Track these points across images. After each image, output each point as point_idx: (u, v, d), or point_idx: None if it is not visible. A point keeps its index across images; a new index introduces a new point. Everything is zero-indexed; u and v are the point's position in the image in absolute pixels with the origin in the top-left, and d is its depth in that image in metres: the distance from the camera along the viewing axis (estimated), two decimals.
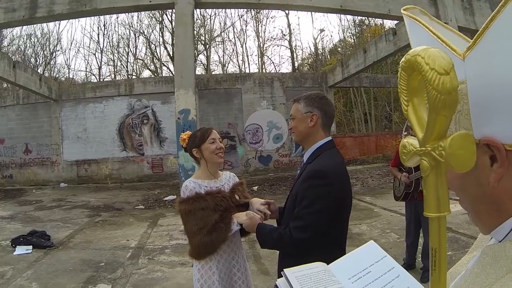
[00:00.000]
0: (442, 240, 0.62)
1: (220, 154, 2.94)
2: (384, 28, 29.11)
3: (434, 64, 0.56)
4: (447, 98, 0.54)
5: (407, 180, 5.38)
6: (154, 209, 12.32)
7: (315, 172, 2.29)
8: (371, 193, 13.24)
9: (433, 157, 0.59)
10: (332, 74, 21.47)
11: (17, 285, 5.85)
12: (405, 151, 0.68)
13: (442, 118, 0.56)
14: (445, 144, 0.57)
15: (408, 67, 0.61)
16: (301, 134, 2.50)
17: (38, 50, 33.56)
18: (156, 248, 7.65)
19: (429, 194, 0.61)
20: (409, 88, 0.65)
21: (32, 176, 20.53)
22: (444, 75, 0.55)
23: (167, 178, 19.79)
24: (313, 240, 2.23)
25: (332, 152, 2.44)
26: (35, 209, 12.96)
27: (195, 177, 2.99)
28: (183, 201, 2.82)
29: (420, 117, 0.64)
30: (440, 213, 0.61)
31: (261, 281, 5.64)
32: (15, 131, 20.61)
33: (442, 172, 0.60)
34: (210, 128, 3.02)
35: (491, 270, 0.70)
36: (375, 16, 14.87)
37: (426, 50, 0.58)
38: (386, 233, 7.80)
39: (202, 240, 2.70)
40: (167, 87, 19.87)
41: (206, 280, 2.81)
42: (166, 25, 32.49)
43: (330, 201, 2.24)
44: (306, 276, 1.08)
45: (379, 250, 1.19)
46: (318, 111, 2.44)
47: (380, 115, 33.09)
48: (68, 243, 8.21)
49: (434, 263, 0.63)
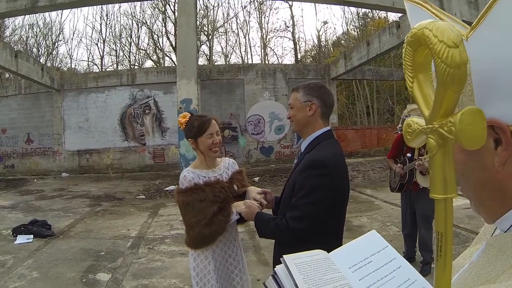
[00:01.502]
0: (448, 224, 0.59)
1: (215, 149, 2.89)
2: (388, 21, 29.00)
3: (442, 36, 0.53)
4: (456, 72, 0.51)
5: (402, 171, 5.38)
6: (155, 199, 12.33)
7: (313, 162, 2.28)
8: (372, 185, 13.25)
9: (440, 134, 0.56)
10: (335, 66, 21.39)
11: (18, 274, 5.86)
12: (409, 130, 0.65)
13: (451, 93, 0.53)
14: (455, 120, 0.54)
15: (414, 41, 0.58)
16: (299, 123, 2.49)
17: (40, 40, 33.48)
18: (156, 237, 7.66)
19: (436, 175, 0.58)
20: (415, 64, 0.62)
21: (33, 166, 20.56)
22: (454, 47, 0.52)
23: (169, 168, 19.79)
24: (309, 230, 2.23)
25: (331, 142, 2.44)
26: (36, 198, 12.99)
27: (194, 167, 2.96)
28: (182, 192, 2.81)
29: (425, 94, 0.61)
30: (447, 195, 0.58)
31: (260, 271, 5.63)
32: (17, 121, 20.61)
33: (450, 151, 0.57)
34: (209, 120, 2.92)
35: (497, 261, 0.68)
36: (379, 8, 14.81)
37: (433, 23, 0.55)
38: (386, 225, 7.79)
39: (200, 232, 2.70)
40: (169, 77, 19.81)
41: (201, 269, 2.82)
42: (169, 15, 32.36)
43: (328, 191, 2.24)
44: (306, 264, 1.05)
45: (380, 240, 1.17)
46: (317, 100, 2.43)
47: (382, 108, 33.02)
48: (68, 233, 8.22)
49: (440, 248, 0.60)
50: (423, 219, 5.39)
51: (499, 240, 0.70)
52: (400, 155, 5.61)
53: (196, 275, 2.83)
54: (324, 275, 1.02)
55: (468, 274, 0.73)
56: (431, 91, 0.61)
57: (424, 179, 5.21)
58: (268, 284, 1.07)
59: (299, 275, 1.00)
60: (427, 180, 5.20)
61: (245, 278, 3.05)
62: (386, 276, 1.02)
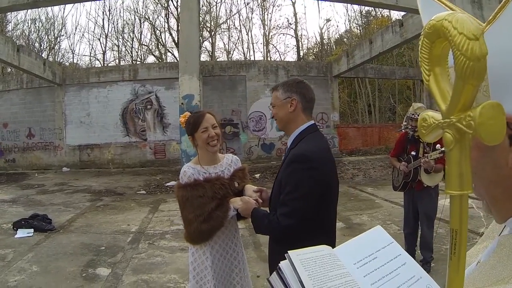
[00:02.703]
0: (463, 221, 0.58)
1: (213, 143, 2.86)
2: (391, 19, 28.92)
3: (462, 28, 0.51)
4: (476, 65, 0.50)
5: (406, 169, 5.36)
6: (155, 195, 12.35)
7: (296, 157, 2.30)
8: (373, 184, 13.25)
9: (458, 129, 0.55)
10: (337, 64, 21.35)
11: (18, 267, 5.86)
12: (424, 124, 0.64)
13: (470, 87, 0.52)
14: (475, 114, 0.53)
15: (432, 33, 0.57)
16: (282, 121, 2.52)
17: (42, 34, 33.43)
18: (157, 233, 7.66)
19: (452, 170, 0.57)
20: (431, 57, 0.60)
21: (34, 160, 20.54)
22: (474, 40, 0.51)
23: (169, 164, 19.76)
24: (299, 225, 2.23)
25: (315, 135, 2.46)
26: (37, 193, 13.01)
27: (195, 162, 2.96)
28: (181, 187, 2.82)
29: (442, 88, 0.60)
30: (463, 191, 0.56)
31: (260, 268, 5.63)
32: (18, 115, 20.58)
33: (467, 146, 0.56)
34: (203, 114, 2.92)
35: (509, 261, 0.66)
36: (382, 6, 14.78)
37: (453, 15, 0.53)
38: (387, 224, 7.79)
39: (198, 228, 2.70)
40: (171, 73, 19.74)
41: (199, 264, 2.84)
42: (171, 11, 32.30)
43: (314, 185, 2.25)
44: (311, 260, 1.04)
45: (385, 236, 1.16)
46: (296, 96, 2.46)
47: (384, 107, 32.98)
48: (69, 227, 8.23)
49: (454, 246, 0.59)
50: (426, 218, 5.38)
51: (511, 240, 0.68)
52: (403, 153, 5.59)
53: (193, 269, 2.84)
54: (329, 272, 1.01)
55: (478, 273, 0.72)
56: (448, 84, 0.59)
57: (428, 177, 5.19)
58: (272, 280, 1.06)
59: (304, 271, 0.99)
60: (431, 178, 5.19)
61: (245, 274, 3.04)
62: (391, 272, 1.01)
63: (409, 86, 31.83)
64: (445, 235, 6.61)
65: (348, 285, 0.98)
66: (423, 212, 5.38)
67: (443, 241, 6.34)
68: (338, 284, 0.98)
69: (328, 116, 21.16)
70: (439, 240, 5.84)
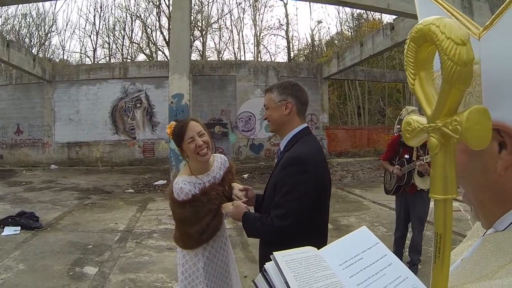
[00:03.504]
0: (447, 224, 0.58)
1: (203, 152, 2.73)
2: (382, 23, 29.06)
3: (450, 33, 0.52)
4: (463, 69, 0.51)
5: (400, 173, 5.35)
6: (143, 193, 12.31)
7: (293, 160, 2.30)
8: (361, 186, 13.29)
9: (443, 133, 0.55)
10: (328, 65, 21.42)
11: (4, 265, 5.81)
12: (409, 128, 0.64)
13: (456, 91, 0.53)
14: (462, 118, 0.53)
15: (419, 37, 0.57)
16: (276, 123, 2.51)
17: (33, 30, 33.23)
18: (144, 232, 7.63)
19: (437, 174, 0.57)
20: (417, 61, 0.61)
21: (22, 157, 20.38)
22: (461, 45, 0.51)
23: (158, 162, 19.73)
24: (294, 227, 2.23)
25: (310, 138, 2.46)
26: (24, 190, 12.90)
27: (187, 174, 2.83)
28: (180, 205, 2.71)
29: (427, 92, 0.60)
30: (447, 195, 0.57)
31: (248, 268, 5.63)
32: (6, 111, 20.41)
33: (451, 151, 0.56)
34: (186, 123, 2.77)
35: (492, 257, 0.67)
36: (374, 9, 14.81)
37: (441, 20, 0.54)
38: (374, 226, 7.81)
39: (198, 239, 2.71)
40: (161, 72, 19.70)
41: (190, 266, 2.80)
42: (163, 10, 32.22)
43: (310, 187, 2.25)
44: (296, 261, 1.04)
45: (371, 237, 1.17)
46: (292, 98, 2.45)
47: (373, 109, 33.13)
48: (56, 225, 8.17)
49: (438, 249, 0.59)
50: (418, 221, 5.39)
51: (496, 237, 0.69)
52: (395, 157, 5.57)
53: (185, 271, 2.80)
54: (315, 273, 1.01)
55: (462, 269, 0.73)
56: (433, 89, 0.60)
57: (422, 180, 5.20)
58: (258, 282, 1.05)
59: (290, 272, 0.99)
60: (425, 181, 5.20)
61: (234, 273, 3.04)
62: (377, 273, 1.01)
63: (398, 89, 32.02)
64: (432, 237, 6.64)
65: (334, 286, 0.98)
66: (416, 215, 5.38)
67: (430, 244, 6.37)
68: (324, 285, 0.98)
69: (317, 117, 21.23)
70: (426, 243, 5.87)
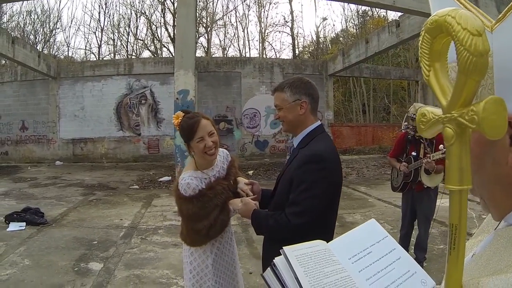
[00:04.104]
0: (462, 216, 0.58)
1: (211, 152, 2.69)
2: (387, 20, 28.99)
3: (466, 24, 0.52)
4: (478, 60, 0.51)
5: (406, 170, 5.32)
6: (148, 190, 12.32)
7: (312, 157, 2.25)
8: (366, 183, 13.27)
9: (459, 123, 0.55)
10: (333, 62, 21.40)
11: (10, 261, 5.83)
12: (423, 119, 0.64)
13: (472, 82, 0.53)
14: (478, 109, 0.53)
15: (434, 28, 0.57)
16: (291, 124, 2.44)
17: (37, 27, 33.31)
18: (149, 228, 7.64)
19: (452, 165, 0.57)
20: (432, 52, 0.61)
21: (27, 154, 20.47)
22: (477, 36, 0.51)
23: (163, 159, 19.77)
24: (309, 225, 2.19)
25: (324, 136, 2.42)
26: (29, 186, 12.95)
27: (193, 169, 2.80)
28: (187, 200, 2.68)
29: (442, 83, 0.60)
30: (463, 186, 0.57)
31: (253, 264, 5.63)
32: (12, 108, 20.51)
33: (467, 141, 0.56)
34: (197, 122, 2.67)
35: (506, 252, 0.67)
36: (379, 6, 14.77)
37: (456, 11, 0.54)
38: (380, 223, 7.74)
39: (206, 235, 2.68)
40: (166, 68, 19.73)
41: (199, 263, 2.76)
42: (168, 6, 32.26)
43: (327, 185, 2.23)
44: (306, 256, 1.04)
45: (380, 230, 1.17)
46: (306, 98, 2.38)
47: (378, 107, 33.09)
48: (61, 221, 8.20)
49: (454, 241, 0.59)
50: (425, 219, 5.37)
51: (509, 231, 0.69)
52: (402, 154, 5.55)
53: (193, 269, 2.76)
54: (325, 267, 1.02)
55: (474, 264, 0.72)
56: (448, 80, 0.60)
57: (428, 178, 5.18)
58: (267, 276, 1.05)
59: (300, 268, 0.99)
60: (431, 179, 5.19)
61: (239, 269, 3.04)
62: (386, 267, 1.02)
63: (403, 87, 31.94)
64: (437, 235, 6.64)
65: (344, 280, 0.98)
66: (422, 213, 5.36)
67: (436, 241, 6.37)
68: (334, 280, 0.98)
69: (322, 114, 21.17)
70: (431, 240, 5.85)
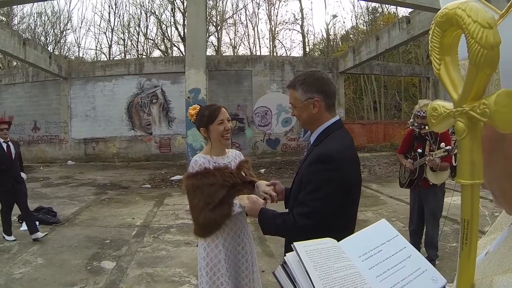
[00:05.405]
0: (474, 210, 0.58)
1: (227, 136, 2.89)
2: (397, 16, 28.83)
3: (477, 16, 0.51)
4: (489, 53, 0.50)
5: (412, 166, 5.33)
6: (160, 189, 12.37)
7: (321, 156, 2.15)
8: (378, 180, 13.22)
9: (470, 117, 0.55)
10: (343, 60, 21.33)
11: (23, 260, 5.89)
12: (435, 114, 0.63)
13: (483, 75, 0.52)
14: (490, 102, 0.52)
15: (444, 21, 0.57)
16: (306, 122, 2.35)
17: (48, 28, 33.61)
18: (162, 227, 7.68)
19: (464, 159, 0.57)
20: (442, 46, 0.60)
21: (40, 154, 20.64)
22: (488, 28, 0.51)
23: (174, 158, 19.84)
24: (317, 227, 2.11)
25: (340, 133, 2.29)
26: (42, 186, 13.07)
27: (205, 153, 2.94)
28: (192, 175, 2.78)
29: (453, 77, 0.60)
30: (474, 180, 0.56)
31: (265, 262, 5.64)
32: (24, 109, 20.70)
33: (478, 135, 0.56)
34: (219, 107, 2.92)
35: None
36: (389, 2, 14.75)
37: (466, 3, 0.53)
38: (391, 221, 7.77)
39: (206, 216, 2.67)
40: (177, 67, 19.79)
41: (212, 258, 2.79)
42: (177, 6, 32.37)
43: (337, 186, 2.11)
44: (316, 251, 1.05)
45: (390, 229, 1.17)
46: (318, 95, 2.24)
47: (389, 104, 32.95)
48: (74, 220, 8.27)
49: (466, 236, 0.59)
50: (431, 216, 5.35)
51: None
52: (410, 150, 5.55)
53: (206, 264, 2.78)
54: (334, 263, 1.02)
55: (488, 262, 0.72)
56: (459, 74, 0.59)
57: (434, 175, 5.16)
58: (278, 274, 1.06)
59: (310, 262, 1.00)
60: (437, 176, 5.17)
61: (255, 269, 3.02)
62: (396, 265, 1.02)
63: (414, 84, 31.79)
64: (450, 233, 6.60)
65: (354, 276, 0.99)
66: (429, 210, 5.35)
67: (448, 239, 6.33)
68: (343, 276, 0.98)
69: None
70: (444, 238, 5.82)
